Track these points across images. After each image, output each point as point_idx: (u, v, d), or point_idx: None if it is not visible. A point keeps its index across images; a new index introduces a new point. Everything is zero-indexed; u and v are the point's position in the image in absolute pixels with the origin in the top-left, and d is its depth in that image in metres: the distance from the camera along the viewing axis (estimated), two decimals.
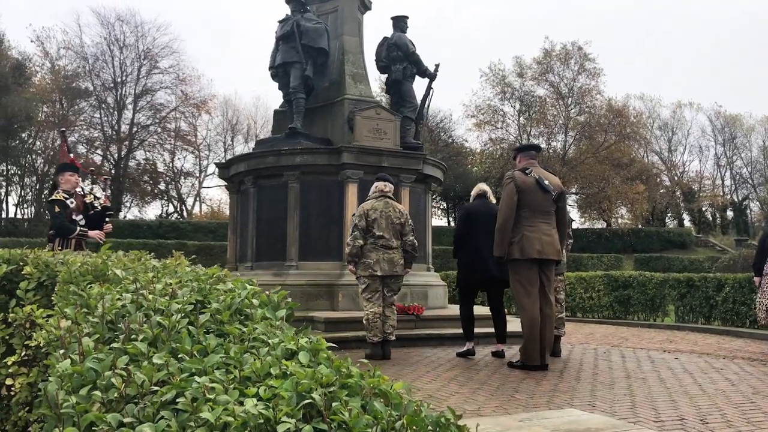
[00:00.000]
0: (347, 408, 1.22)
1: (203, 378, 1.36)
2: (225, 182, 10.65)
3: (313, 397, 1.25)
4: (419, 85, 10.32)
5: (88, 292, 2.00)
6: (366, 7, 10.82)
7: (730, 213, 52.56)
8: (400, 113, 9.77)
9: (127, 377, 1.37)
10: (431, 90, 10.17)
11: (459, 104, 75.44)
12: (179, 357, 1.52)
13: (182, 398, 1.27)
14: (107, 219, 7.40)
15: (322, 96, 10.15)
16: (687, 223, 50.33)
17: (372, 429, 1.18)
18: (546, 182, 6.02)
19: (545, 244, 5.88)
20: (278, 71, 9.99)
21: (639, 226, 42.31)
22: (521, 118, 39.98)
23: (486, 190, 7.09)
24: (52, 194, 7.15)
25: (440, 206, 41.97)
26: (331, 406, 1.25)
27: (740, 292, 10.79)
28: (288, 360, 1.51)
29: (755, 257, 8.80)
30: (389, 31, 10.31)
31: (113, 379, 1.37)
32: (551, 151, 37.52)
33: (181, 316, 1.75)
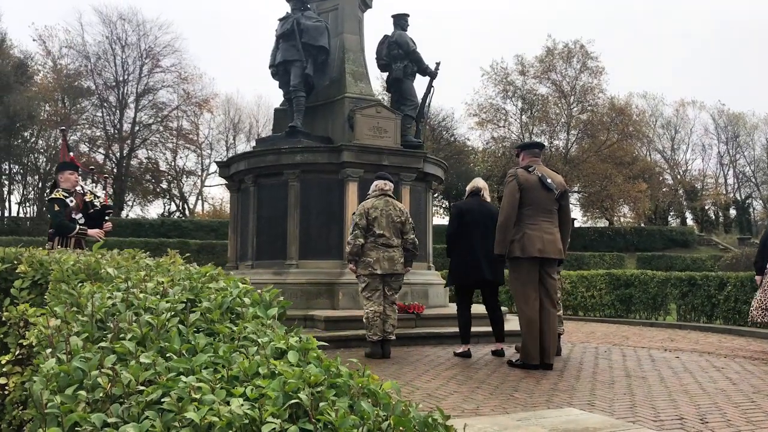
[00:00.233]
0: (334, 408, 1.21)
1: (190, 377, 1.34)
2: (225, 181, 10.64)
3: (300, 397, 1.23)
4: (420, 84, 10.31)
5: (79, 291, 1.99)
6: (367, 5, 10.80)
7: (733, 211, 52.42)
8: (401, 111, 9.74)
9: (114, 377, 1.36)
10: (432, 88, 10.14)
11: (461, 103, 75.51)
12: (167, 356, 1.51)
13: (168, 398, 1.25)
14: (107, 217, 7.39)
15: (323, 94, 10.13)
16: (690, 222, 50.26)
17: (358, 429, 1.16)
18: (549, 180, 5.98)
19: (547, 243, 5.85)
20: (278, 69, 9.97)
21: (641, 225, 42.24)
22: (523, 117, 39.93)
23: (480, 187, 6.90)
24: (52, 193, 7.16)
25: (442, 205, 41.90)
26: (318, 406, 1.23)
27: (742, 291, 10.76)
28: (277, 359, 1.50)
29: (757, 255, 8.76)
30: (390, 29, 10.29)
31: (99, 379, 1.35)
32: (553, 150, 37.44)
33: (171, 315, 1.73)
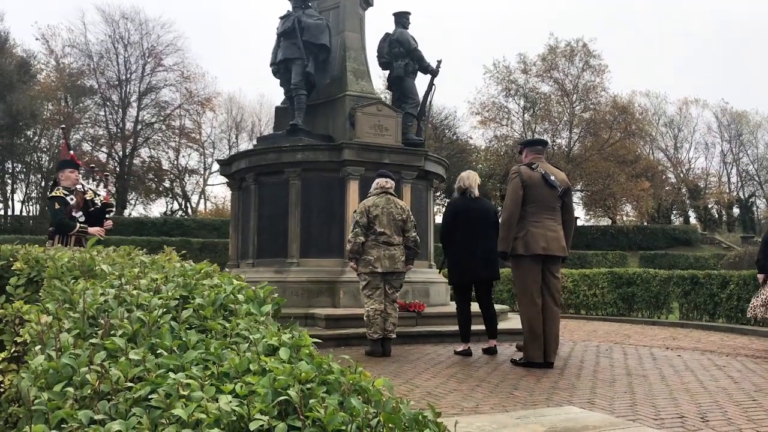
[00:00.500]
0: (324, 405, 1.19)
1: (179, 374, 1.33)
2: (226, 179, 10.64)
3: (289, 394, 1.22)
4: (422, 82, 10.28)
5: (72, 288, 1.97)
6: (368, 3, 10.77)
7: (736, 210, 52.30)
8: (402, 110, 9.72)
9: (103, 373, 1.34)
10: (433, 86, 10.12)
11: (463, 101, 75.36)
12: (158, 353, 1.49)
13: (156, 395, 1.24)
14: (107, 216, 7.38)
15: (324, 92, 10.11)
16: (693, 221, 50.14)
17: (347, 426, 1.14)
18: (552, 178, 5.94)
19: (550, 240, 5.82)
20: (279, 68, 9.95)
21: (644, 224, 42.15)
22: (526, 115, 39.89)
23: (468, 186, 6.70)
24: (53, 191, 7.15)
25: (444, 203, 41.85)
26: (308, 403, 1.21)
27: (745, 290, 10.71)
28: (269, 356, 1.48)
29: (759, 254, 8.72)
30: (391, 27, 10.27)
31: (88, 376, 1.34)
32: (556, 148, 37.39)
33: (164, 312, 1.72)
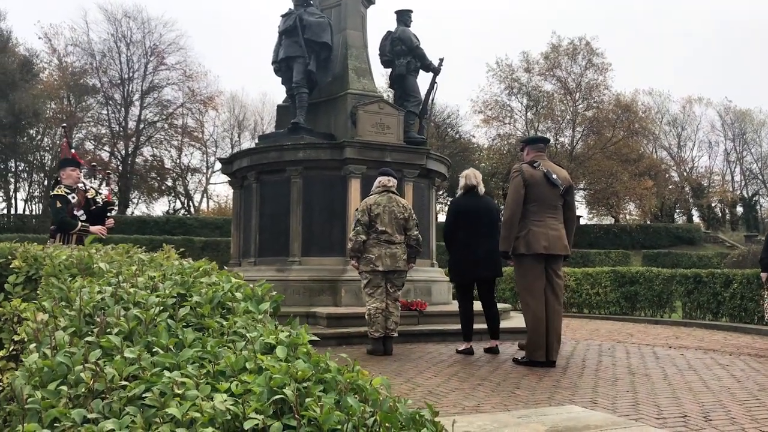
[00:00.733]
0: (319, 404, 1.17)
1: (174, 373, 1.31)
2: (228, 177, 10.63)
3: (285, 393, 1.20)
4: (424, 80, 10.26)
5: (69, 285, 1.96)
6: (369, 1, 10.75)
7: (740, 209, 52.16)
8: (404, 108, 9.70)
9: (98, 372, 1.33)
10: (435, 84, 10.10)
11: (466, 99, 75.24)
12: (154, 351, 1.48)
13: (150, 393, 1.22)
14: (109, 214, 7.38)
15: (325, 91, 10.10)
16: (696, 219, 49.99)
17: (343, 425, 1.13)
18: (554, 176, 5.91)
19: (552, 239, 5.79)
20: (281, 66, 9.94)
21: (647, 222, 42.03)
22: (529, 114, 39.84)
23: (473, 185, 6.69)
24: (54, 189, 7.14)
25: (446, 202, 41.80)
26: (304, 402, 1.20)
27: (748, 288, 10.68)
28: (266, 354, 1.46)
29: (763, 252, 8.70)
30: (393, 25, 10.25)
31: (82, 374, 1.32)
32: (559, 147, 37.33)
33: (161, 310, 1.70)
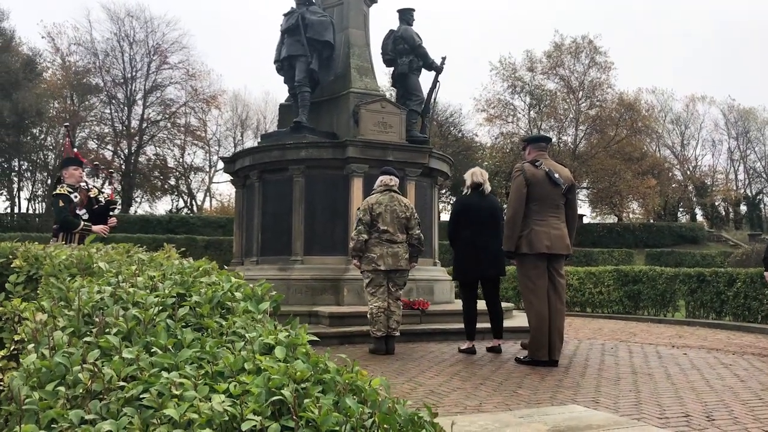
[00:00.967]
0: (318, 405, 1.16)
1: (172, 373, 1.31)
2: (231, 176, 10.63)
3: (283, 394, 1.19)
4: (426, 79, 10.25)
5: (68, 285, 1.96)
6: (372, 0, 10.73)
7: (744, 207, 51.99)
8: (406, 107, 9.69)
9: (96, 372, 1.32)
10: (438, 83, 10.09)
11: (469, 98, 75.24)
12: (153, 351, 1.47)
13: (148, 394, 1.22)
14: (111, 213, 7.38)
15: (328, 89, 10.09)
16: (699, 218, 49.87)
17: (342, 426, 1.12)
18: (556, 175, 5.89)
19: (554, 239, 5.78)
20: (283, 64, 9.93)
21: (650, 221, 41.95)
22: (532, 112, 39.75)
23: (480, 182, 6.70)
24: (56, 188, 7.15)
25: (449, 201, 41.74)
26: (303, 403, 1.19)
27: (752, 287, 10.65)
28: (264, 355, 1.46)
29: (765, 251, 8.66)
30: (395, 24, 10.23)
31: (80, 375, 1.32)
32: (562, 146, 37.25)
33: (160, 310, 1.70)
